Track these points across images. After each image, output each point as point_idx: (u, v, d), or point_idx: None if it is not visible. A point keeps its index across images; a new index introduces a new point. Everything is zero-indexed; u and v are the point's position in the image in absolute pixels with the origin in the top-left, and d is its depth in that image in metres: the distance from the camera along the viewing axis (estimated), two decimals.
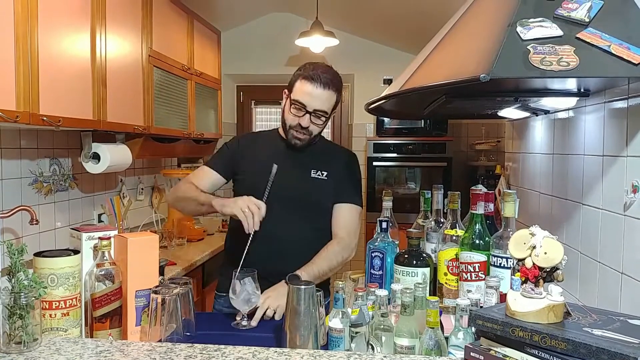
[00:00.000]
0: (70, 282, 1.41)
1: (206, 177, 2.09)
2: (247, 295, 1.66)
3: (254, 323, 1.72)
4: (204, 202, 1.93)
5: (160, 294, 1.41)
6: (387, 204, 1.97)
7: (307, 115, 1.96)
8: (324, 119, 2.00)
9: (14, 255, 1.26)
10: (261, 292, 1.72)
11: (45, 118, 1.99)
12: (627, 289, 1.49)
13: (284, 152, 2.07)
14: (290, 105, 1.98)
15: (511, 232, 1.50)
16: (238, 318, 1.71)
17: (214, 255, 3.39)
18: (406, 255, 1.70)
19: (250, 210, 1.75)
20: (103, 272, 1.44)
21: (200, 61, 3.81)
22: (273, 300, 1.78)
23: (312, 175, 2.05)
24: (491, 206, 1.73)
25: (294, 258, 1.92)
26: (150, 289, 1.47)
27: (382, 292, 1.39)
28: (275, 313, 1.76)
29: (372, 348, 1.35)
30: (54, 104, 2.07)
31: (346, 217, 2.08)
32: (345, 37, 4.72)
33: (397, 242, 1.88)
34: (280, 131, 2.12)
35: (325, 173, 2.06)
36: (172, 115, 3.32)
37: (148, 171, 3.77)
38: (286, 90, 2.06)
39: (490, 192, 1.73)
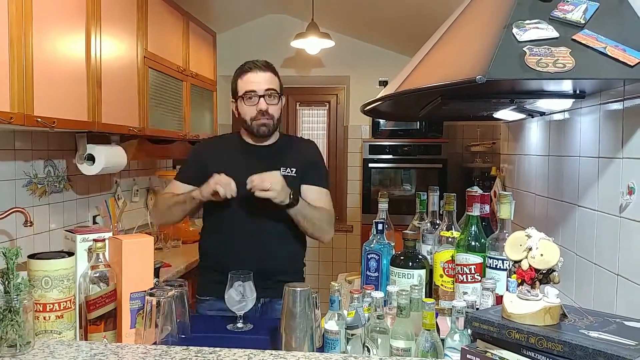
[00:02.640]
0: (65, 284, 1.40)
1: (178, 190, 2.13)
2: (242, 298, 1.66)
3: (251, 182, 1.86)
4: (184, 200, 2.04)
5: (155, 296, 1.41)
6: (383, 205, 1.97)
7: (262, 99, 2.04)
8: (276, 97, 2.07)
9: (11, 259, 1.25)
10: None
11: (39, 119, 1.98)
12: (622, 290, 1.49)
13: (251, 152, 2.14)
14: (244, 100, 2.07)
15: (507, 234, 1.50)
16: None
17: None
18: (402, 257, 1.70)
19: (222, 182, 1.87)
20: (97, 275, 1.43)
21: (196, 62, 3.80)
22: (271, 177, 1.87)
23: (282, 173, 2.01)
24: (487, 208, 1.73)
25: (272, 256, 2.04)
26: (145, 291, 1.46)
27: (378, 294, 1.39)
28: (270, 188, 1.84)
29: (368, 350, 1.34)
30: (49, 105, 2.05)
31: (319, 196, 2.12)
32: (341, 39, 4.72)
33: (392, 244, 1.87)
34: (243, 135, 2.19)
35: (294, 169, 2.10)
36: (168, 117, 3.31)
37: (143, 173, 3.75)
38: (232, 99, 2.16)
39: (486, 193, 1.73)
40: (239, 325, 1.70)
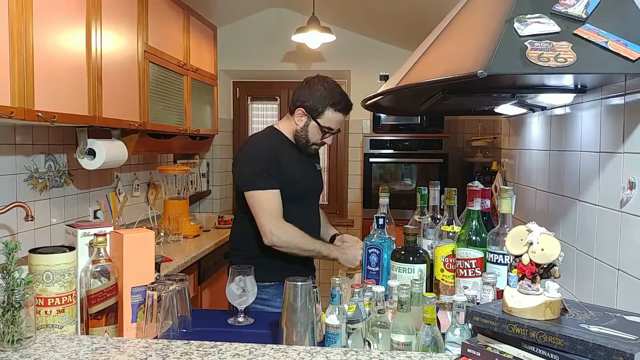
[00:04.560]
0: (66, 278, 1.40)
1: (278, 199, 2.15)
2: (243, 292, 1.66)
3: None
4: (314, 253, 2.17)
5: (156, 291, 1.41)
6: (384, 200, 1.97)
7: (331, 137, 2.26)
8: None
9: (10, 253, 1.25)
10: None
11: (40, 114, 1.98)
12: (623, 285, 1.49)
13: (299, 153, 2.30)
14: (321, 130, 2.20)
15: (508, 229, 1.50)
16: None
17: (210, 252, 3.38)
18: (403, 252, 1.70)
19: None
20: (99, 269, 1.43)
21: (197, 57, 3.80)
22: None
23: (318, 168, 2.40)
24: (488, 202, 1.73)
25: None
26: (146, 285, 1.46)
27: (379, 289, 1.39)
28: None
29: (369, 344, 1.35)
30: (49, 100, 2.05)
31: None
32: (342, 33, 4.71)
33: (393, 239, 1.87)
34: (282, 133, 2.29)
35: (320, 165, 2.46)
36: (168, 111, 3.31)
37: (144, 167, 3.76)
38: (303, 110, 2.19)
39: (486, 188, 1.73)
40: (240, 319, 1.70)
